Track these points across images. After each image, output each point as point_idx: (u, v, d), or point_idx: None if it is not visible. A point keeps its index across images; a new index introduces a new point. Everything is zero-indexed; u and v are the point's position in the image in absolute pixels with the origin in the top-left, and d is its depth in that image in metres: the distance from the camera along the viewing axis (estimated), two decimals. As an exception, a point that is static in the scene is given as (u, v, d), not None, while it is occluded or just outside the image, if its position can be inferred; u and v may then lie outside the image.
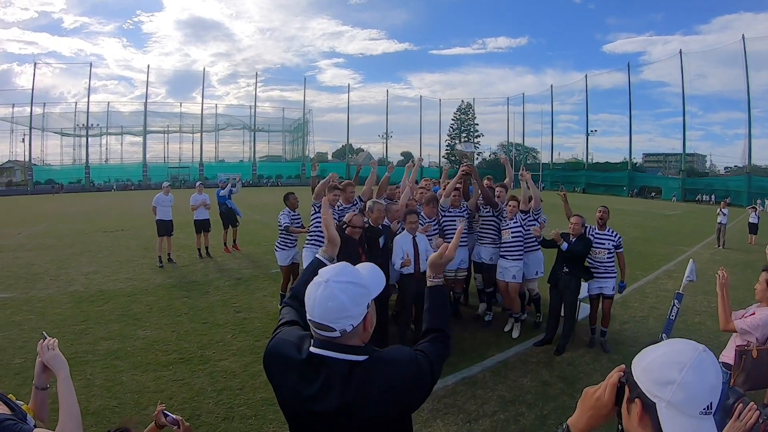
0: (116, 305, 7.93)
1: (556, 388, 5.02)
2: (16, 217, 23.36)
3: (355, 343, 1.50)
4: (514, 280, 6.55)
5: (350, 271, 1.52)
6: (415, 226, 5.99)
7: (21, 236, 16.20)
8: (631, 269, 10.69)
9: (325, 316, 1.43)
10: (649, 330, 6.81)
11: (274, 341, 1.67)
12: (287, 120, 75.04)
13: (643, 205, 36.94)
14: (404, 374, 1.49)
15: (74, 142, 63.59)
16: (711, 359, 1.07)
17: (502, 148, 76.97)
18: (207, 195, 12.56)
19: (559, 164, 67.71)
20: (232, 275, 10.24)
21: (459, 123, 77.45)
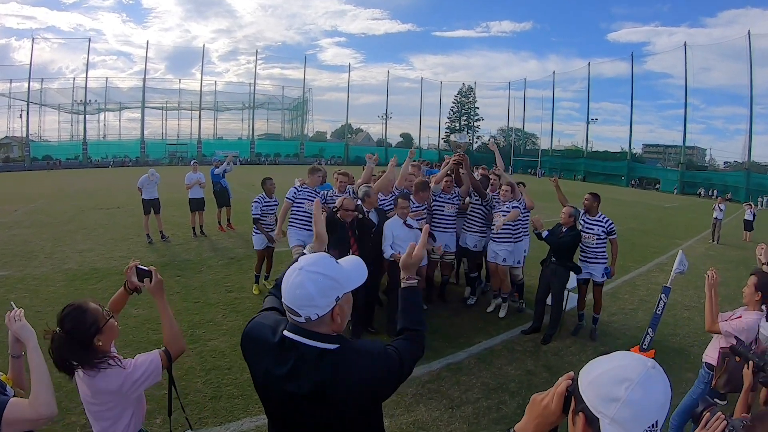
0: (110, 283, 7.92)
1: (540, 377, 5.07)
2: (13, 194, 23.26)
3: (325, 332, 1.52)
4: (504, 263, 6.69)
5: (325, 262, 1.54)
6: (406, 211, 6.03)
7: (18, 213, 16.15)
8: (624, 260, 10.77)
9: (293, 301, 1.48)
10: (637, 323, 6.85)
11: (251, 324, 1.73)
12: (287, 98, 74.75)
13: (641, 196, 36.99)
14: (374, 365, 1.53)
15: (72, 118, 63.18)
16: (659, 376, 1.04)
17: (502, 133, 77.06)
18: (202, 174, 12.55)
19: (558, 151, 67.65)
20: (225, 254, 10.27)
21: (459, 106, 77.57)
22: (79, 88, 61.17)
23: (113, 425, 2.16)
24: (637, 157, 60.81)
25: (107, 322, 2.13)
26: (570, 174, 58.11)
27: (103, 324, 2.10)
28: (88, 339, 2.05)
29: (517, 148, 67.85)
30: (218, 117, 71.44)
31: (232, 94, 71.59)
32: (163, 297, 2.41)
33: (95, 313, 2.10)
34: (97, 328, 2.08)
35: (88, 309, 2.09)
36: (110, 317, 2.17)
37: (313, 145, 72.72)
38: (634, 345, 5.77)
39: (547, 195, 7.48)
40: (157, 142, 64.52)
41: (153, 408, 4.23)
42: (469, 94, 77.39)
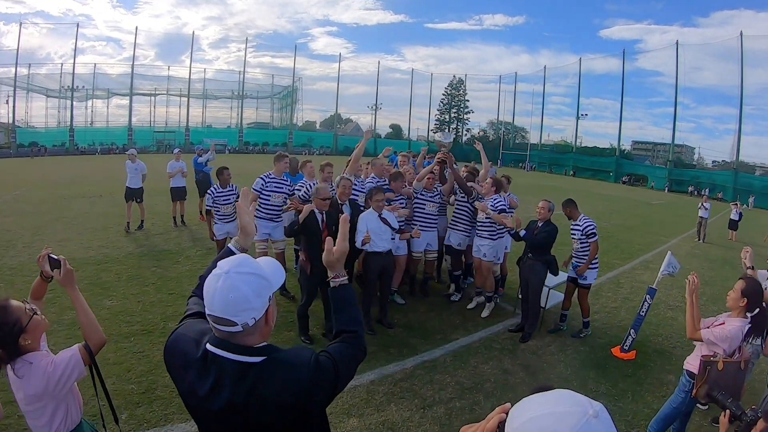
0: (86, 273, 7.77)
1: (516, 377, 4.98)
2: (-5, 181, 22.92)
3: (254, 342, 1.44)
4: (485, 258, 6.56)
5: (251, 262, 1.47)
6: (382, 204, 5.94)
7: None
8: (609, 257, 10.78)
9: (226, 309, 1.37)
10: (619, 322, 6.79)
11: (174, 336, 1.61)
12: (276, 87, 73.70)
13: (628, 192, 37.11)
14: (300, 377, 1.43)
15: (59, 104, 62.19)
16: (602, 426, 0.80)
17: (492, 126, 77.09)
18: (184, 163, 12.35)
19: (547, 146, 67.54)
20: (204, 245, 10.08)
21: (450, 98, 77.27)
22: (67, 74, 60.17)
23: (49, 422, 2.13)
24: (626, 153, 60.93)
25: (31, 320, 2.07)
26: (560, 169, 58.24)
27: (26, 322, 2.04)
28: (12, 339, 2.00)
29: (506, 141, 67.77)
30: (207, 105, 70.48)
31: (221, 82, 70.68)
32: (75, 288, 2.34)
33: (17, 312, 2.04)
34: (21, 328, 2.02)
35: (7, 308, 2.03)
36: (34, 314, 2.10)
37: (302, 134, 72.16)
38: (615, 345, 5.77)
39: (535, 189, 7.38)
40: (145, 130, 63.56)
41: (119, 403, 4.13)
42: (459, 86, 77.06)
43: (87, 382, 4.34)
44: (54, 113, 62.40)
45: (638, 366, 5.42)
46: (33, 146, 53.73)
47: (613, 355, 5.63)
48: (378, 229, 5.85)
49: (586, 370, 5.24)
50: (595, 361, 5.45)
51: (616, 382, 5.00)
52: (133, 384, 4.40)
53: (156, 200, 14.01)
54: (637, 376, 5.17)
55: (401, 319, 6.40)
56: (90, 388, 4.26)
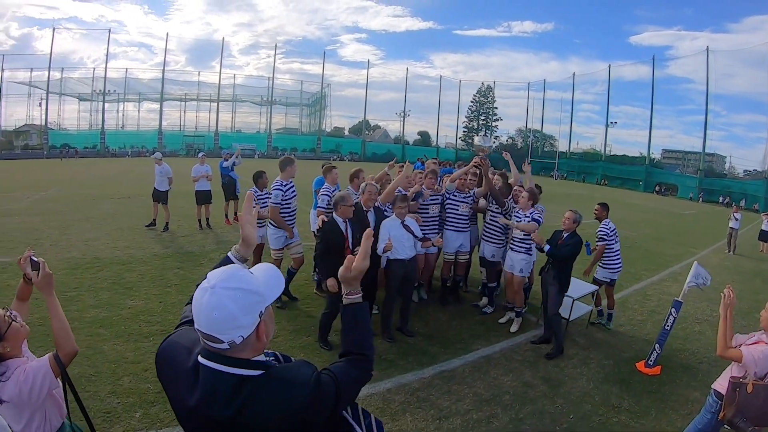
0: (110, 273, 7.91)
1: (537, 390, 4.84)
2: (27, 181, 23.50)
3: (246, 356, 1.36)
4: (521, 273, 6.39)
5: (241, 275, 1.37)
6: (404, 212, 5.87)
7: (29, 200, 16.25)
8: (636, 268, 10.55)
9: (211, 326, 1.29)
10: (645, 335, 6.56)
11: (166, 343, 1.54)
12: (306, 93, 74.74)
13: (658, 202, 36.31)
14: (298, 395, 1.34)
15: (91, 107, 64.03)
16: None
17: (520, 134, 76.50)
18: (209, 166, 12.50)
19: (576, 154, 66.59)
20: (228, 248, 9.99)
21: (478, 105, 77.01)
22: (99, 79, 61.97)
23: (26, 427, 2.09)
24: (656, 162, 59.81)
25: (9, 327, 2.04)
26: (591, 178, 57.34)
27: (5, 330, 2.02)
28: None
29: (534, 149, 67.09)
30: (236, 110, 72.09)
31: (251, 88, 71.97)
32: (52, 293, 2.29)
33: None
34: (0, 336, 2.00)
35: None
36: (12, 321, 2.07)
37: (331, 140, 72.54)
38: (640, 359, 5.58)
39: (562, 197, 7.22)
40: (175, 134, 65.13)
41: (135, 401, 4.20)
42: (488, 93, 76.75)
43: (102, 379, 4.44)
44: (86, 116, 64.48)
45: (663, 382, 5.22)
46: (64, 148, 55.09)
47: (637, 370, 5.44)
48: (400, 237, 5.77)
49: (609, 384, 5.06)
50: (618, 376, 5.28)
51: (639, 398, 4.82)
52: (149, 383, 4.40)
53: (182, 203, 14.19)
54: (661, 392, 4.99)
55: (422, 327, 6.31)
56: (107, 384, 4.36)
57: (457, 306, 7.22)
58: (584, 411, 4.52)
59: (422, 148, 70.15)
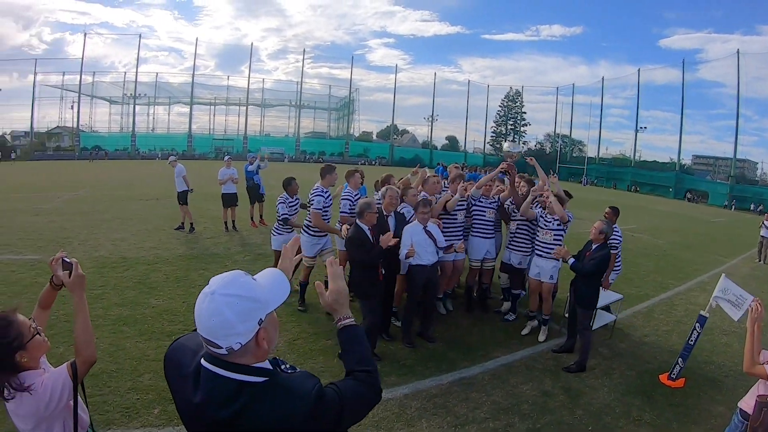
0: (136, 273, 8.09)
1: (556, 400, 4.75)
2: (58, 182, 24.16)
3: (247, 362, 1.36)
4: (551, 280, 6.28)
5: (241, 282, 1.37)
6: (427, 217, 5.82)
7: (60, 200, 16.71)
8: (663, 277, 10.34)
9: (209, 332, 1.30)
10: (671, 346, 6.36)
11: (174, 346, 1.57)
12: (334, 97, 75.49)
13: (687, 209, 35.48)
14: (299, 406, 1.33)
15: (122, 110, 65.74)
16: None
17: (548, 139, 75.77)
18: (235, 169, 12.65)
19: (605, 159, 65.72)
20: (253, 250, 10.28)
21: (506, 110, 76.70)
22: (130, 82, 63.62)
23: None
24: (686, 168, 58.58)
25: (32, 339, 1.98)
26: (623, 184, 56.32)
27: (27, 340, 1.96)
28: (9, 353, 1.91)
29: (563, 155, 66.29)
30: (265, 114, 73.30)
31: (279, 92, 73.22)
32: (83, 295, 2.18)
33: (20, 328, 1.96)
34: (20, 344, 1.93)
35: (12, 322, 1.95)
36: (36, 333, 2.01)
37: (359, 144, 73.12)
38: (664, 371, 5.44)
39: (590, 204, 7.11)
40: (205, 137, 66.54)
41: (154, 398, 4.28)
42: (516, 98, 76.38)
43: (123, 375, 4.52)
44: (117, 119, 66.35)
45: (686, 395, 5.06)
46: (95, 149, 56.49)
47: (660, 382, 5.29)
48: (423, 242, 5.73)
49: (631, 396, 4.94)
50: (641, 388, 5.14)
51: (661, 412, 4.69)
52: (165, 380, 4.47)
53: (209, 204, 14.41)
54: (684, 405, 4.84)
55: (443, 333, 6.27)
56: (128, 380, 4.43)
57: (480, 313, 7.16)
58: (604, 423, 4.42)
59: (450, 153, 70.15)
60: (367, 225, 5.22)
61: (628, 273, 10.00)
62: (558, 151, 66.52)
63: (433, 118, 73.34)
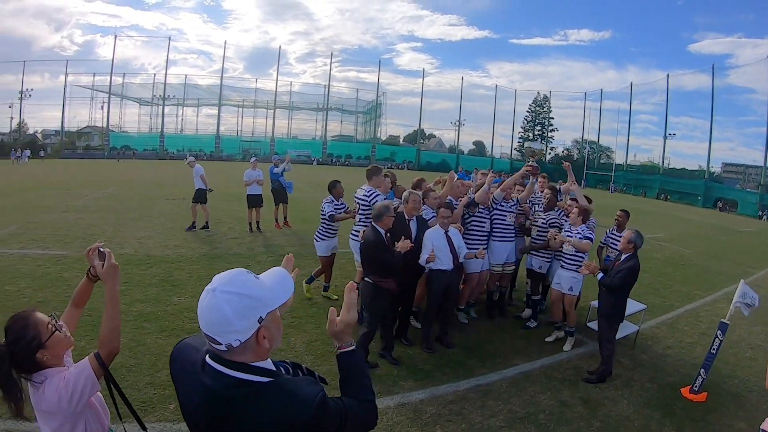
0: (159, 270, 8.25)
1: (574, 411, 4.66)
2: (88, 180, 24.74)
3: (247, 360, 1.37)
4: (571, 292, 6.19)
5: (242, 279, 1.38)
6: (448, 221, 5.80)
7: (88, 198, 17.10)
8: (689, 287, 10.11)
9: (208, 328, 1.33)
10: (694, 359, 6.18)
11: (180, 345, 1.61)
12: (361, 101, 76.26)
13: (717, 218, 34.61)
14: (299, 411, 1.34)
15: (151, 111, 67.39)
16: None
17: (576, 145, 74.78)
18: (261, 171, 12.81)
19: (633, 166, 64.59)
20: (276, 251, 10.37)
21: (534, 115, 76.02)
22: (159, 84, 65.25)
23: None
24: (716, 176, 57.21)
25: (51, 336, 1.95)
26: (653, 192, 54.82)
27: (46, 338, 1.93)
28: (29, 354, 1.90)
29: (590, 161, 65.25)
30: (292, 116, 74.53)
31: (307, 95, 74.01)
32: (115, 285, 2.14)
33: (38, 327, 1.94)
34: (39, 343, 1.91)
35: (29, 322, 1.94)
36: (55, 330, 1.98)
37: (385, 148, 73.30)
38: (686, 384, 5.32)
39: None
40: (232, 138, 67.98)
41: (171, 393, 4.30)
42: (544, 103, 75.70)
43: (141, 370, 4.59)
44: (146, 119, 68.17)
45: (708, 410, 4.92)
46: (124, 149, 57.97)
47: (681, 396, 5.15)
48: (444, 247, 5.71)
49: (651, 409, 4.82)
50: (661, 401, 5.02)
51: (681, 426, 4.57)
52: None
53: (235, 205, 14.57)
54: (705, 420, 4.71)
55: (462, 339, 6.23)
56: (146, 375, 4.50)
57: (501, 319, 7.10)
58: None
59: (477, 158, 69.96)
60: (384, 228, 5.18)
61: (654, 283, 9.87)
62: (585, 157, 65.45)
63: (460, 122, 73.37)
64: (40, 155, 49.64)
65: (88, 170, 32.47)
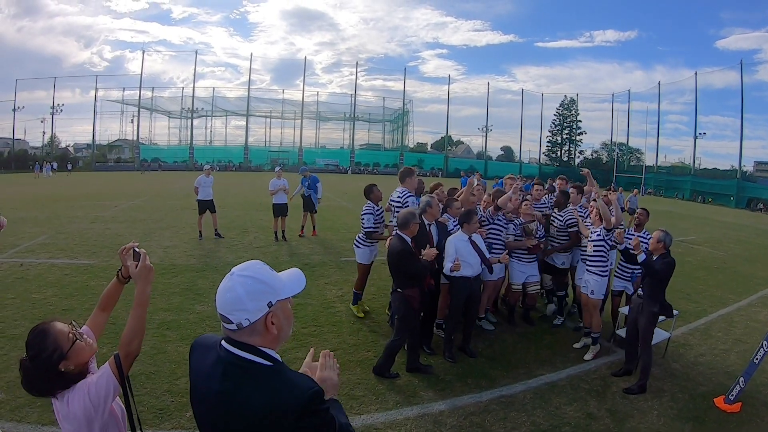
0: (183, 279, 8.37)
1: (600, 423, 4.47)
2: (117, 192, 25.34)
3: (254, 342, 1.46)
4: (593, 296, 6.04)
5: (257, 267, 1.52)
6: (474, 227, 5.74)
7: (116, 209, 17.50)
8: (722, 291, 9.79)
9: (222, 306, 1.45)
10: (728, 367, 5.92)
11: (203, 336, 1.72)
12: (388, 109, 76.38)
13: (751, 219, 33.51)
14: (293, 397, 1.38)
15: (180, 124, 68.98)
16: None
17: (605, 147, 73.64)
18: (286, 180, 12.86)
19: (663, 168, 62.79)
20: (301, 260, 10.39)
21: (561, 119, 75.22)
22: (188, 97, 66.76)
23: None
24: (748, 175, 55.42)
25: (73, 346, 1.93)
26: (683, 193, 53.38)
27: (67, 349, 1.91)
28: (51, 366, 1.88)
29: (620, 164, 63.97)
30: (320, 126, 75.16)
31: (334, 105, 74.89)
32: (147, 288, 2.10)
33: (58, 337, 1.92)
34: (61, 354, 1.89)
35: (49, 333, 1.92)
36: (76, 339, 1.96)
37: (413, 156, 73.26)
38: (719, 394, 5.07)
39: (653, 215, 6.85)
40: (261, 149, 69.02)
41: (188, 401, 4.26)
42: (571, 106, 74.79)
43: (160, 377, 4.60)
44: (175, 132, 69.98)
45: (742, 421, 4.67)
46: (154, 161, 59.55)
47: (715, 406, 4.90)
48: (468, 253, 5.62)
49: (681, 421, 4.60)
50: (693, 412, 4.78)
51: (713, 439, 4.35)
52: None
53: (261, 215, 14.68)
54: (739, 432, 4.48)
55: (486, 348, 6.11)
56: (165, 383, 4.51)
57: (525, 328, 6.93)
58: (650, 450, 4.16)
59: (505, 163, 69.64)
60: (410, 236, 5.13)
61: (685, 287, 9.57)
62: (615, 160, 64.20)
63: (488, 128, 72.94)
64: (67, 168, 50.98)
65: (119, 182, 33.25)
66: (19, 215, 14.95)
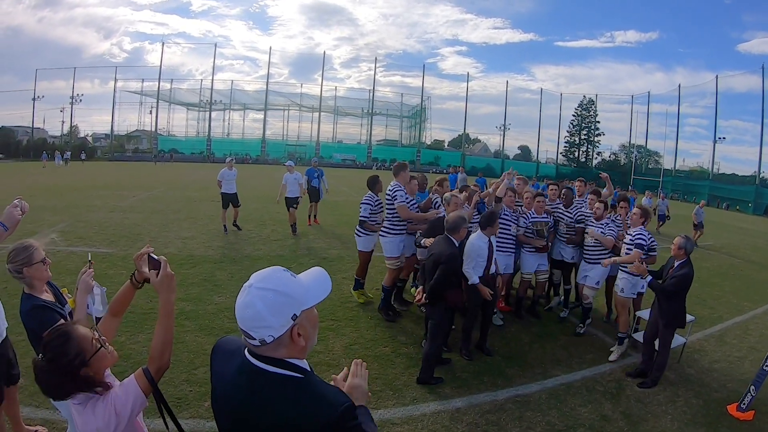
0: (202, 270, 8.46)
1: (614, 425, 4.51)
2: (135, 182, 25.65)
3: (281, 356, 1.40)
4: (623, 293, 6.15)
5: (277, 277, 1.41)
6: (495, 229, 5.78)
7: (135, 199, 17.74)
8: (738, 298, 9.73)
9: (243, 323, 1.37)
10: (742, 374, 5.91)
11: (225, 338, 1.68)
12: (406, 105, 76.65)
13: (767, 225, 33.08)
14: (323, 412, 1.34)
15: (198, 116, 69.58)
16: None
17: (623, 149, 72.85)
18: (299, 173, 13.03)
19: (682, 172, 61.93)
20: (318, 254, 10.49)
21: (580, 119, 74.65)
22: (206, 89, 67.37)
23: None
24: (767, 181, 54.65)
25: (96, 353, 1.84)
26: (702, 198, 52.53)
27: (90, 356, 1.82)
28: (71, 371, 1.77)
29: (638, 166, 63.18)
30: (338, 121, 75.44)
31: (351, 100, 75.21)
32: (171, 297, 2.02)
33: (82, 343, 1.82)
34: (83, 360, 1.79)
35: (72, 337, 1.81)
36: (101, 347, 1.88)
37: (430, 152, 73.40)
38: (733, 401, 5.08)
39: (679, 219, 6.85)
40: (278, 142, 69.43)
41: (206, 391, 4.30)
42: (589, 107, 74.19)
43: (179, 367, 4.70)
44: (193, 124, 70.76)
45: (755, 428, 4.69)
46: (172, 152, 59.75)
47: (728, 413, 4.91)
48: (484, 256, 5.64)
49: (694, 427, 4.62)
50: (706, 418, 4.80)
51: (726, 446, 4.35)
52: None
53: (278, 208, 14.81)
54: (752, 440, 4.46)
55: (502, 347, 6.14)
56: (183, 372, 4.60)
57: (541, 328, 6.96)
58: (663, 454, 4.18)
59: (522, 162, 69.22)
60: (459, 240, 5.24)
61: (702, 293, 9.51)
62: (633, 162, 63.44)
63: (505, 127, 72.64)
64: (81, 158, 51.47)
65: (137, 172, 33.58)
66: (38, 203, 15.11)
